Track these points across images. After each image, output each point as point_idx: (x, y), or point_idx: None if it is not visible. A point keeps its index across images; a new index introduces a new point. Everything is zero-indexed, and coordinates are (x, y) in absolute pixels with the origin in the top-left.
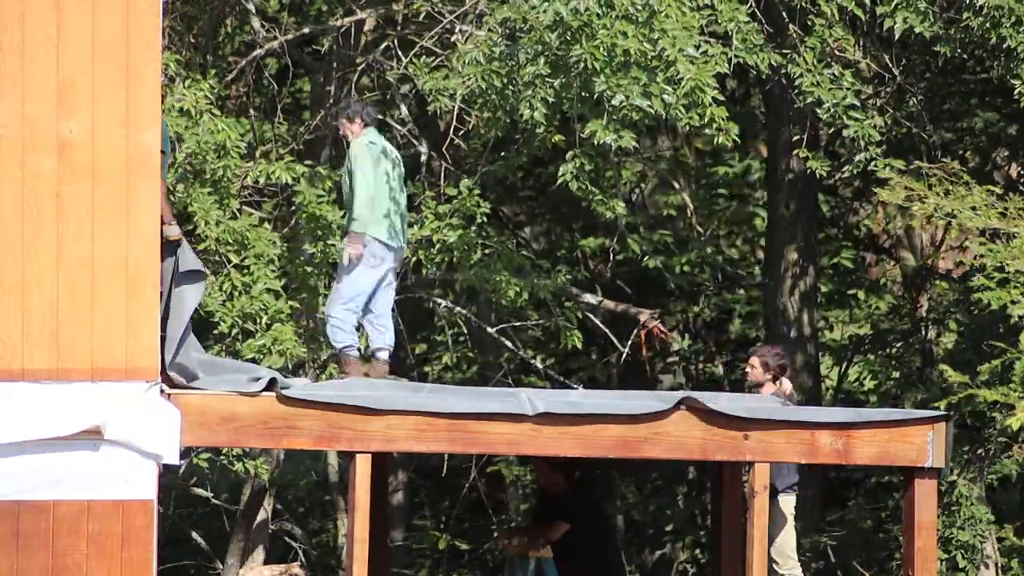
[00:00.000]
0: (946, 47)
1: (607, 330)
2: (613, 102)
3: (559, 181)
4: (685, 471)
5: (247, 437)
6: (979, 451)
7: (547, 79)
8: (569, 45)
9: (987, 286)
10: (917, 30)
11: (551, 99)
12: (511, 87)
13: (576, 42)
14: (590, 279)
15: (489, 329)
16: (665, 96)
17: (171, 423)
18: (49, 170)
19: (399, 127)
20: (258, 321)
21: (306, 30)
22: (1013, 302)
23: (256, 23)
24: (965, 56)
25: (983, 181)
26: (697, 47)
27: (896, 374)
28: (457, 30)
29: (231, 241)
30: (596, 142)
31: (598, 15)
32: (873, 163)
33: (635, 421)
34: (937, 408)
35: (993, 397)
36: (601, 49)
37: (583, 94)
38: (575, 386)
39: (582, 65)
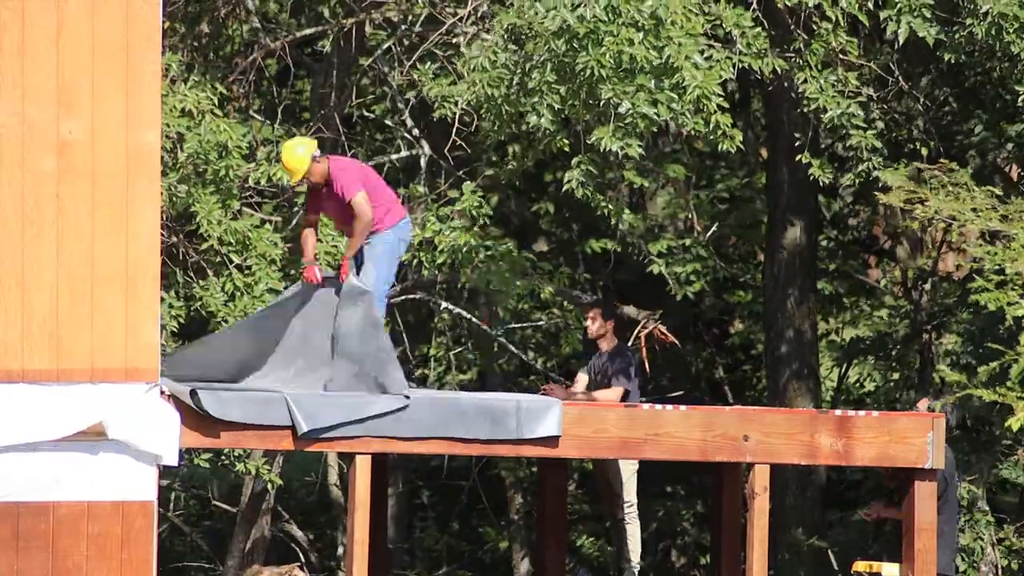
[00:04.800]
0: (951, 53)
1: None
2: (620, 110)
3: (565, 188)
4: (686, 472)
5: (246, 438)
6: (980, 453)
7: (553, 86)
8: (576, 52)
9: (985, 288)
10: (920, 34)
11: (557, 106)
12: (517, 93)
13: (583, 49)
14: (591, 280)
15: (496, 334)
16: (673, 105)
17: (171, 424)
18: (49, 170)
19: (400, 129)
20: None
21: (307, 31)
22: (1010, 303)
23: (257, 24)
24: (967, 60)
25: (983, 183)
26: (702, 52)
27: (896, 376)
28: (460, 31)
29: (233, 242)
30: (603, 149)
31: (603, 22)
32: (876, 172)
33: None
34: (935, 410)
35: (991, 398)
36: (607, 56)
37: (589, 101)
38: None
39: (588, 72)
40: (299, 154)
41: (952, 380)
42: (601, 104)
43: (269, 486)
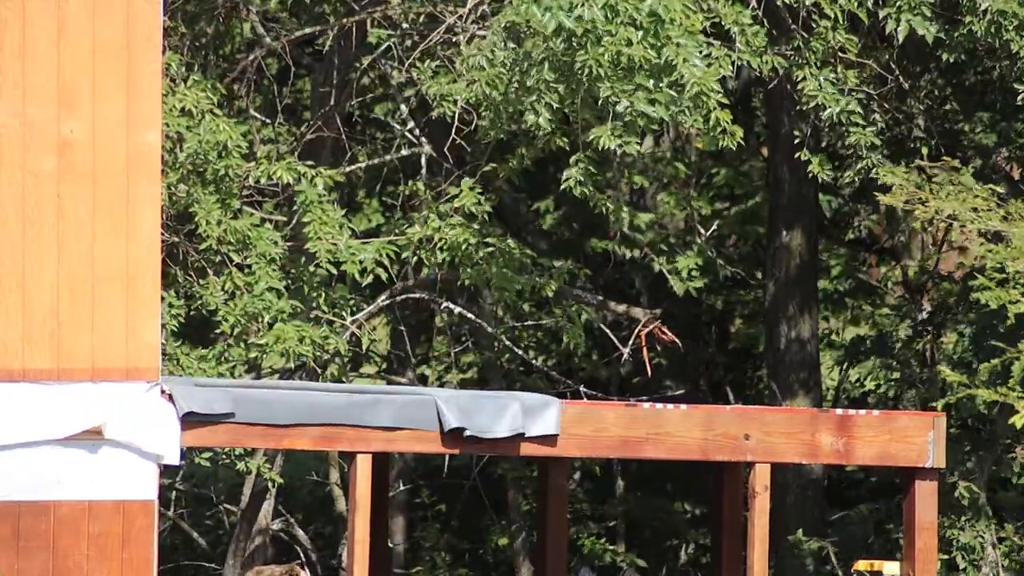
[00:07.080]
0: (951, 53)
1: (608, 331)
2: (618, 108)
3: (563, 186)
4: (686, 472)
5: (248, 437)
6: (980, 452)
7: (552, 84)
8: (574, 51)
9: (986, 286)
10: (920, 32)
11: (555, 104)
12: (515, 90)
13: (581, 48)
14: (592, 279)
15: (491, 330)
16: (671, 106)
17: (171, 423)
18: (49, 170)
19: (400, 127)
20: (260, 320)
21: (307, 30)
22: (1012, 302)
23: (258, 24)
24: (966, 59)
25: (983, 182)
26: (701, 52)
27: (897, 375)
28: (460, 28)
29: (233, 241)
30: (600, 147)
31: (601, 22)
32: (875, 170)
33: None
34: (936, 409)
35: (992, 397)
36: (606, 56)
37: (588, 99)
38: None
39: (587, 71)
40: None
41: (952, 380)
42: (600, 103)
43: (270, 485)
